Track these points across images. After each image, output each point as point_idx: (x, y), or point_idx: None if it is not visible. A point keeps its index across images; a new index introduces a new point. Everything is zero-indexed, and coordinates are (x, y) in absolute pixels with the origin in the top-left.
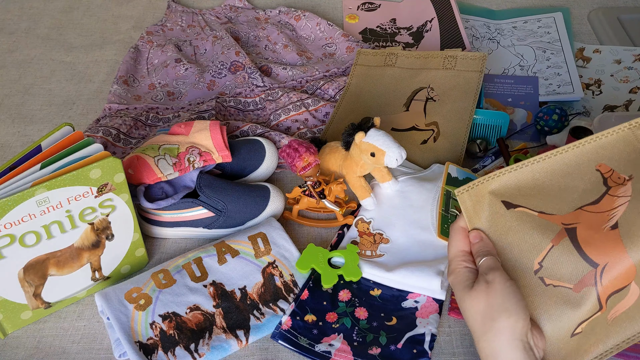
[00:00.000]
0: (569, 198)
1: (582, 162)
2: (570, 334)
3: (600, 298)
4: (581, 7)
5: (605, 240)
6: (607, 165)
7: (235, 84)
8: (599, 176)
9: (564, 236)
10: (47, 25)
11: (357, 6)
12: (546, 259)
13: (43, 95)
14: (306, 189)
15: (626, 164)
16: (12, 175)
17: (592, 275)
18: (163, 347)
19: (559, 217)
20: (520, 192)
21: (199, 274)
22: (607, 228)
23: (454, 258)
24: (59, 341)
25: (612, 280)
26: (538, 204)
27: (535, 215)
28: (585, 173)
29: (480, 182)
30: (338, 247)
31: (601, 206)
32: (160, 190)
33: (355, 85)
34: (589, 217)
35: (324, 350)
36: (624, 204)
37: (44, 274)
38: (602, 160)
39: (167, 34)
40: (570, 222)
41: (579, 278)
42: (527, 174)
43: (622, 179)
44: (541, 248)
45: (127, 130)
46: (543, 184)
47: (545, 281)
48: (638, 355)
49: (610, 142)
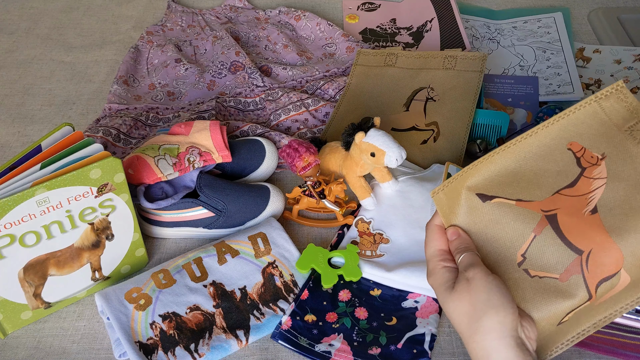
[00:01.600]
0: (545, 182)
1: (552, 143)
2: (557, 323)
3: (589, 286)
4: (581, 7)
5: (588, 226)
6: (578, 143)
7: (235, 84)
8: (572, 156)
9: (546, 224)
10: (47, 25)
11: (357, 6)
12: (529, 249)
13: (43, 95)
14: (306, 189)
15: (597, 139)
16: (12, 175)
17: (577, 263)
18: (163, 347)
19: (537, 204)
20: (495, 182)
21: (199, 274)
22: (588, 213)
23: (432, 258)
24: (59, 341)
25: (599, 266)
26: (514, 192)
27: (512, 204)
28: (557, 154)
29: (454, 179)
30: (338, 247)
31: (578, 189)
32: (160, 190)
33: (355, 85)
34: (568, 202)
35: (324, 350)
36: (601, 187)
37: (44, 274)
38: (573, 138)
39: (167, 34)
40: (549, 209)
41: (564, 267)
42: (500, 163)
43: (595, 158)
44: (523, 239)
45: (127, 130)
46: (517, 171)
47: (530, 273)
48: (638, 355)
49: (579, 118)
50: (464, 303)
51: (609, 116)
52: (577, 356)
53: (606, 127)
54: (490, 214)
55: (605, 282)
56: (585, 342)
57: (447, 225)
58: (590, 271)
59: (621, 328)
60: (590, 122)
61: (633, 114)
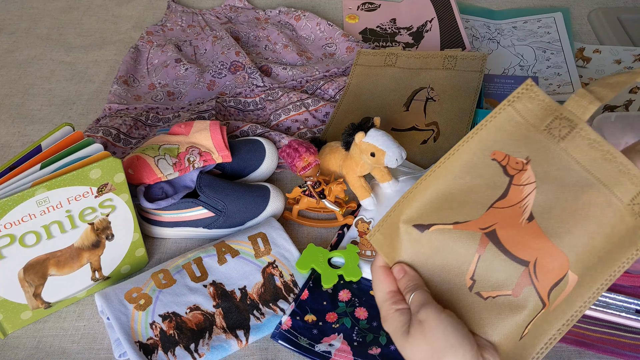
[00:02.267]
0: (477, 199)
1: (475, 157)
2: (519, 338)
3: (541, 295)
4: (581, 7)
5: (527, 235)
6: (501, 152)
7: (235, 84)
8: (497, 166)
9: (487, 242)
10: (47, 25)
11: (357, 6)
12: (477, 271)
13: (43, 95)
14: (306, 189)
15: (518, 144)
16: (12, 175)
17: (526, 274)
18: (163, 347)
19: (474, 223)
20: (429, 209)
21: (199, 274)
22: (525, 221)
23: (383, 303)
24: (59, 341)
25: (547, 273)
26: (450, 216)
27: (450, 228)
28: (482, 167)
29: (389, 216)
30: (338, 247)
31: (510, 199)
32: (160, 190)
33: (355, 85)
34: (504, 214)
35: (324, 350)
36: (532, 192)
37: (44, 274)
38: (495, 147)
39: (167, 34)
40: (487, 225)
41: (514, 281)
42: (430, 188)
43: (521, 164)
44: (469, 262)
45: (127, 130)
46: (448, 193)
47: (482, 295)
48: (638, 355)
49: (497, 125)
50: (421, 347)
51: (525, 118)
52: (577, 356)
53: (524, 130)
54: (431, 243)
55: (556, 287)
56: (585, 342)
57: (392, 263)
58: (540, 279)
59: (621, 328)
60: (508, 128)
61: (548, 112)
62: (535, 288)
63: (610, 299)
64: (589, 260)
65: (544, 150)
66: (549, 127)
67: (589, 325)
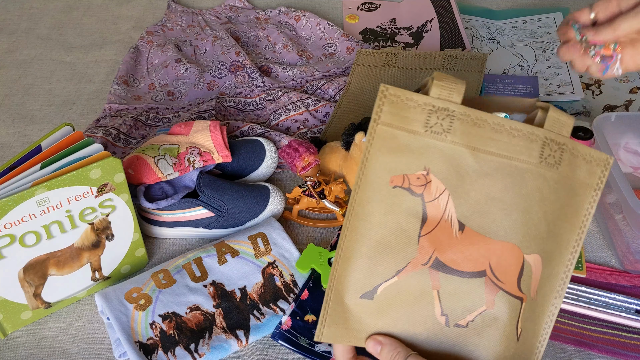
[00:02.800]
0: (402, 237)
1: (377, 196)
2: (516, 340)
3: (512, 293)
4: (581, 7)
5: (468, 245)
6: (396, 176)
7: (235, 84)
8: (402, 191)
9: (437, 274)
10: (47, 25)
11: (357, 6)
12: (443, 306)
13: (43, 95)
14: (306, 189)
15: (407, 158)
16: (12, 175)
17: (489, 283)
18: (163, 347)
19: (413, 262)
20: (365, 275)
21: (199, 274)
22: (458, 233)
23: None
24: (59, 341)
25: (507, 270)
26: (388, 268)
27: (396, 280)
28: (388, 201)
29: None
30: None
31: (432, 218)
32: (160, 190)
33: (355, 85)
34: (435, 237)
35: (324, 350)
36: (448, 200)
37: (44, 274)
38: (388, 175)
39: (167, 34)
40: (427, 257)
41: (482, 296)
42: (352, 256)
43: (422, 177)
44: (430, 302)
45: (127, 130)
46: (370, 247)
47: (461, 324)
48: (638, 355)
49: (376, 154)
50: None
51: (401, 128)
52: (577, 356)
53: (408, 140)
54: (386, 303)
55: (522, 277)
56: (585, 342)
57: (359, 344)
58: (504, 280)
59: (621, 328)
60: (390, 147)
61: (418, 110)
62: (504, 290)
63: (610, 299)
64: (538, 233)
65: (436, 152)
66: (428, 125)
67: (589, 325)
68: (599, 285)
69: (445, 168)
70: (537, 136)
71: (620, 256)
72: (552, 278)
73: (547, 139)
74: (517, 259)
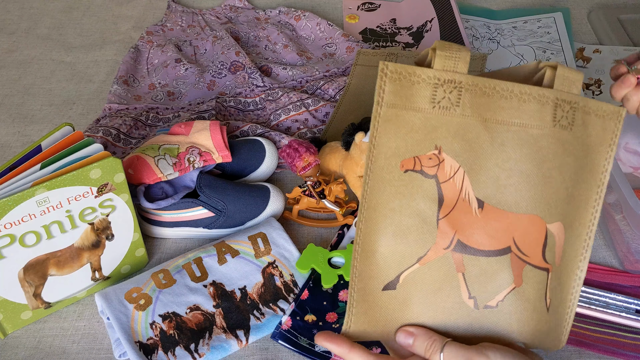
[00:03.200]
0: (421, 223)
1: (389, 183)
2: (547, 313)
3: (539, 266)
4: (581, 7)
5: (489, 222)
6: (407, 159)
7: (235, 84)
8: (414, 175)
9: (460, 257)
10: (47, 25)
11: (357, 6)
12: (470, 289)
13: (43, 95)
14: (306, 189)
15: (418, 139)
16: (12, 175)
17: (515, 259)
18: (163, 347)
19: (435, 248)
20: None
21: (199, 274)
22: (477, 211)
23: None
24: (59, 341)
25: (531, 244)
26: (409, 256)
27: (418, 267)
28: (402, 190)
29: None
30: (338, 247)
31: (449, 199)
32: (160, 190)
33: (355, 85)
34: (455, 219)
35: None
36: (465, 178)
37: (44, 274)
38: (397, 159)
39: (167, 34)
40: (449, 241)
41: (510, 273)
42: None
43: (434, 157)
44: (457, 286)
45: (127, 130)
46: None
47: (491, 305)
48: (638, 355)
49: (380, 140)
50: None
51: (407, 108)
52: (577, 356)
53: (416, 120)
54: (411, 291)
55: (546, 247)
56: (585, 342)
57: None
58: (529, 254)
59: (621, 328)
60: (397, 131)
61: (423, 86)
62: (530, 264)
63: (610, 299)
64: (559, 200)
65: (446, 129)
66: (435, 100)
67: (589, 325)
68: (599, 285)
69: (457, 144)
70: (548, 98)
71: (620, 256)
72: (575, 241)
73: (559, 100)
74: (540, 230)
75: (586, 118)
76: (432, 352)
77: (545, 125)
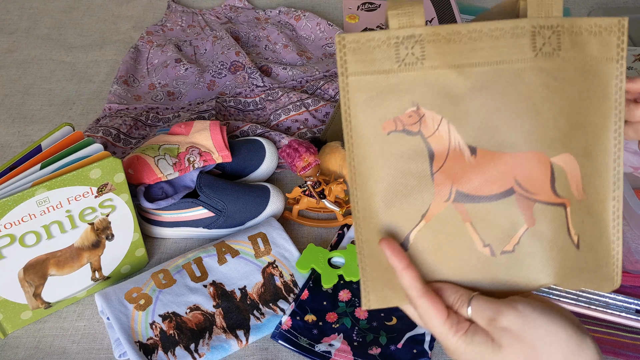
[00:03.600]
0: (418, 180)
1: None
2: (576, 249)
3: (550, 201)
4: (581, 7)
5: (486, 167)
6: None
7: (235, 84)
8: (399, 135)
9: (462, 206)
10: (47, 25)
11: (357, 6)
12: (482, 237)
13: (43, 95)
14: (306, 189)
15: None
16: (12, 175)
17: (522, 199)
18: (163, 347)
19: (436, 202)
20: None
21: (199, 274)
22: (471, 159)
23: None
24: (59, 341)
25: (535, 180)
26: (412, 214)
27: (424, 224)
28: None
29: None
30: (338, 247)
31: (440, 152)
32: (160, 190)
33: None
34: (449, 170)
35: (324, 350)
36: (450, 127)
37: (44, 274)
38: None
39: (167, 34)
40: (447, 193)
41: (519, 214)
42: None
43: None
44: (467, 236)
45: (127, 130)
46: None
47: (507, 250)
48: (638, 355)
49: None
50: (522, 352)
51: (374, 72)
52: None
53: (385, 82)
54: (425, 250)
55: (554, 181)
56: None
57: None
58: (535, 191)
59: (621, 328)
60: (370, 97)
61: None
62: (540, 202)
63: (610, 299)
64: (559, 131)
65: (419, 84)
66: (399, 58)
67: (589, 325)
68: None
69: (434, 97)
70: (522, 29)
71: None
72: (602, 170)
73: (536, 27)
74: (543, 165)
75: (576, 39)
76: (459, 305)
77: (525, 58)
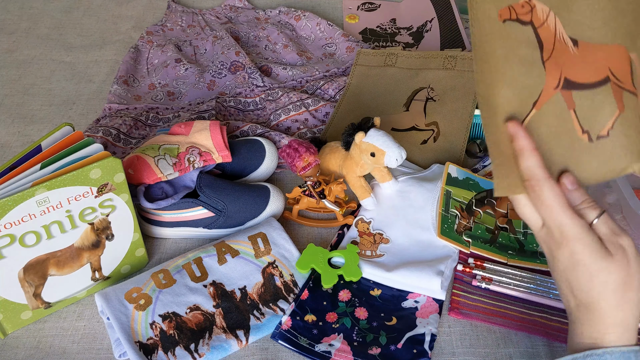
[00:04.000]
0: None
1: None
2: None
3: (632, 90)
4: None
5: (587, 57)
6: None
7: (235, 84)
8: (514, 24)
9: (569, 94)
10: (47, 25)
11: (357, 6)
12: (582, 123)
13: (43, 95)
14: (306, 189)
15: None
16: (12, 175)
17: (615, 87)
18: (163, 347)
19: (546, 89)
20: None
21: (199, 274)
22: (574, 49)
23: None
24: (59, 341)
25: (622, 72)
26: (525, 102)
27: (535, 112)
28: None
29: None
30: (338, 247)
31: (547, 42)
32: (160, 190)
33: (355, 85)
34: (557, 58)
35: (324, 350)
36: (556, 20)
37: (44, 274)
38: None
39: (167, 34)
40: (557, 80)
41: (613, 101)
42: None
43: (526, 5)
44: (570, 122)
45: (127, 130)
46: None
47: (602, 135)
48: None
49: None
50: (624, 270)
51: None
52: None
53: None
54: (537, 140)
55: (633, 74)
56: None
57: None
58: (623, 80)
59: None
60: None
61: None
62: (626, 90)
63: None
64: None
65: None
66: None
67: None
68: None
69: None
70: None
71: None
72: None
73: None
74: (626, 59)
75: None
76: (589, 209)
77: None
